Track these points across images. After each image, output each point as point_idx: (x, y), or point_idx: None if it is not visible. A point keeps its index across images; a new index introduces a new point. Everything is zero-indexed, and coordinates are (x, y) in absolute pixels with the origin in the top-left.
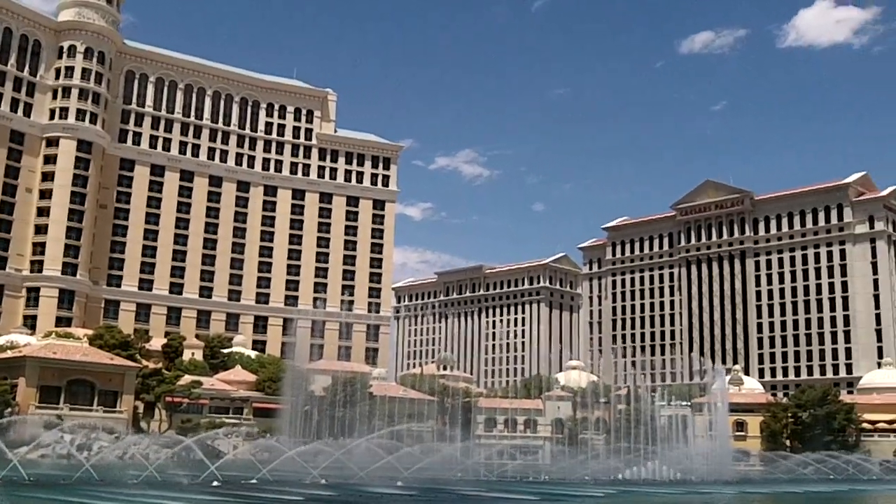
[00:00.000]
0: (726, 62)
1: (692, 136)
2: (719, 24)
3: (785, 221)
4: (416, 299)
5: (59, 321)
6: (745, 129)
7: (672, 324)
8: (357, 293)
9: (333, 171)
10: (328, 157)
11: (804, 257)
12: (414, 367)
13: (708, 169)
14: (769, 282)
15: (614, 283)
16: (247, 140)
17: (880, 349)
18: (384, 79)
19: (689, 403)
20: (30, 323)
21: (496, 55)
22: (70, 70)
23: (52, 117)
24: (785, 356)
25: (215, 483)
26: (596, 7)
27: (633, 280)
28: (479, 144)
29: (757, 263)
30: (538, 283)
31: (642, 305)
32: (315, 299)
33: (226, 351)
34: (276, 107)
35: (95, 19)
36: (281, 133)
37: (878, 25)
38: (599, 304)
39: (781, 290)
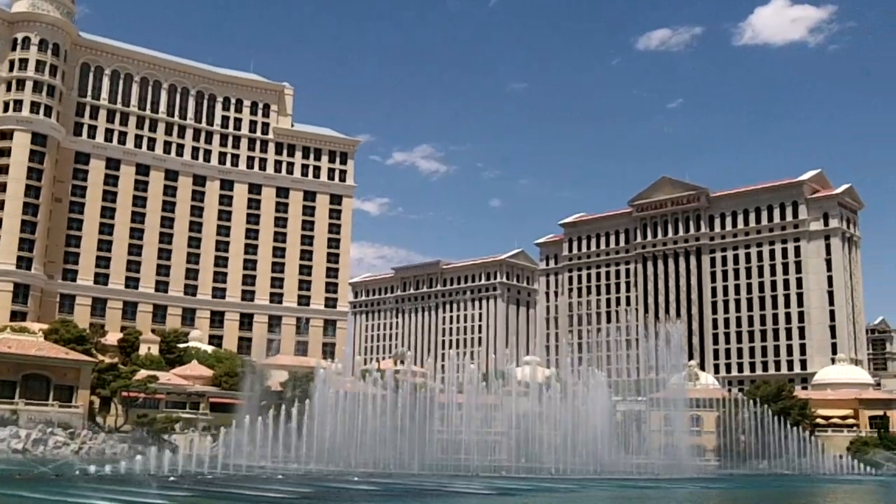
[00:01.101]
0: (683, 59)
1: (649, 134)
2: (676, 22)
3: (740, 218)
4: (373, 294)
5: (14, 315)
6: (701, 126)
7: (628, 319)
8: (314, 288)
9: (290, 165)
10: (285, 152)
11: (759, 254)
12: (371, 362)
13: (665, 166)
14: (725, 278)
15: (570, 279)
16: (203, 134)
17: (834, 345)
18: (341, 73)
19: (644, 398)
20: None
21: (453, 50)
22: (24, 62)
23: (5, 109)
24: (740, 352)
25: (171, 478)
26: (553, 2)
27: (589, 276)
28: (436, 140)
29: (713, 260)
30: (495, 278)
31: (598, 301)
32: (272, 294)
33: (182, 346)
34: (233, 101)
35: (50, 10)
36: (237, 127)
37: (833, 24)
38: (556, 299)
39: (737, 287)
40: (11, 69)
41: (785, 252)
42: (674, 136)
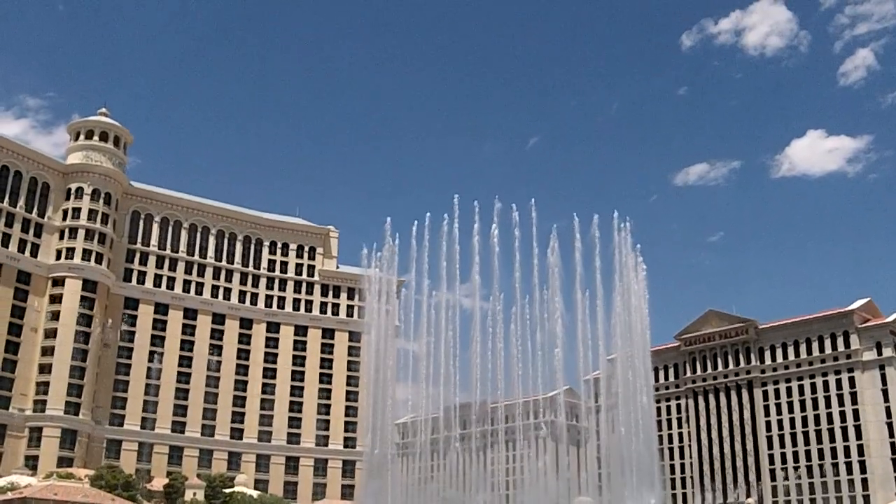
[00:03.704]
0: (722, 193)
1: (691, 267)
2: (713, 156)
3: (791, 350)
4: (420, 435)
5: (61, 461)
6: (744, 258)
7: (682, 456)
8: (360, 429)
9: (336, 306)
10: (330, 293)
11: (812, 386)
12: None
13: (710, 299)
14: (778, 412)
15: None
16: (250, 277)
17: None
18: (385, 213)
19: None
20: (31, 463)
21: (492, 193)
22: (77, 211)
23: (58, 257)
24: (799, 488)
25: None
26: (589, 144)
27: None
28: (480, 278)
29: (765, 393)
30: (543, 416)
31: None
32: (318, 437)
33: (228, 491)
34: (279, 244)
35: (102, 161)
36: (283, 270)
37: (871, 153)
38: (607, 436)
39: (791, 420)
40: (65, 218)
41: (839, 383)
42: (717, 269)
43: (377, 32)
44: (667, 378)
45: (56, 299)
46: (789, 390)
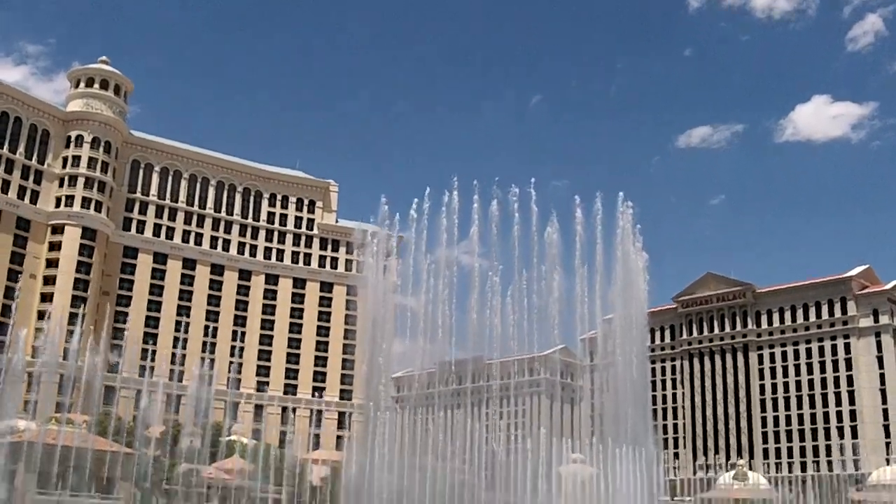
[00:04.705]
0: (724, 156)
1: (691, 230)
2: (716, 120)
3: (788, 315)
4: (416, 389)
5: (60, 406)
6: (744, 222)
7: (675, 417)
8: (356, 382)
9: (334, 260)
10: (329, 247)
11: (808, 351)
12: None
13: (708, 262)
14: (773, 375)
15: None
16: (249, 229)
17: (888, 445)
18: (384, 169)
19: (692, 499)
20: (30, 408)
21: (492, 149)
22: (77, 159)
23: (57, 205)
24: (791, 451)
25: None
26: (591, 102)
27: None
28: (479, 236)
29: (760, 357)
30: (538, 374)
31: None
32: (314, 388)
33: (224, 439)
34: (279, 197)
35: (103, 109)
36: (283, 223)
37: (876, 121)
38: (601, 395)
39: (786, 384)
40: (65, 166)
41: (834, 349)
42: (716, 232)
43: None
44: (663, 339)
45: (55, 247)
46: (784, 354)
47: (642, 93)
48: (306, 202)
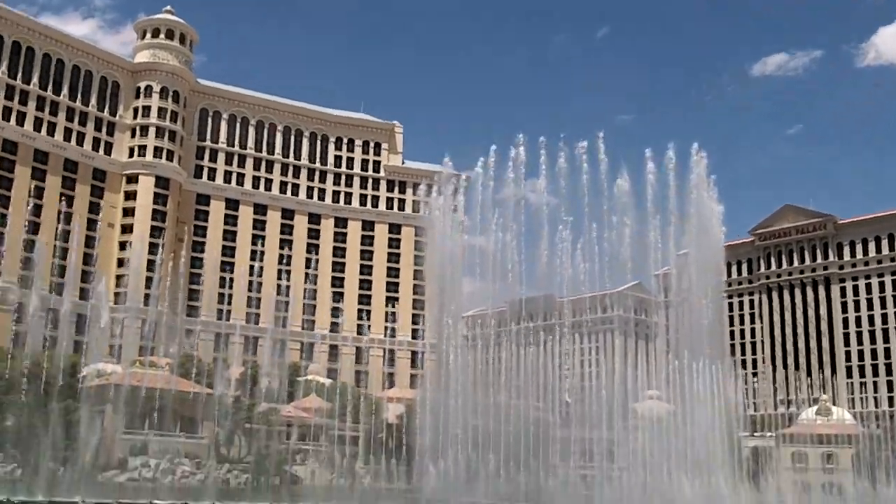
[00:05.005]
0: (801, 84)
1: (768, 161)
2: (793, 46)
3: (871, 246)
4: (487, 328)
5: (142, 350)
6: (823, 152)
7: (754, 352)
8: (427, 322)
9: (402, 202)
10: (396, 189)
11: (893, 283)
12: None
13: (786, 193)
14: (856, 308)
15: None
16: (317, 173)
17: None
18: (449, 109)
19: (773, 434)
20: (115, 352)
21: (559, 84)
22: (147, 109)
23: (130, 155)
24: (876, 386)
25: None
26: (662, 33)
27: None
28: (546, 173)
29: (842, 289)
30: (612, 311)
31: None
32: (386, 328)
33: (301, 379)
34: (345, 140)
35: (169, 59)
36: (350, 166)
37: None
38: (676, 332)
39: (870, 317)
40: (135, 116)
41: None
42: (794, 162)
43: None
44: (740, 273)
45: (131, 196)
46: (868, 287)
47: (716, 21)
48: (372, 145)
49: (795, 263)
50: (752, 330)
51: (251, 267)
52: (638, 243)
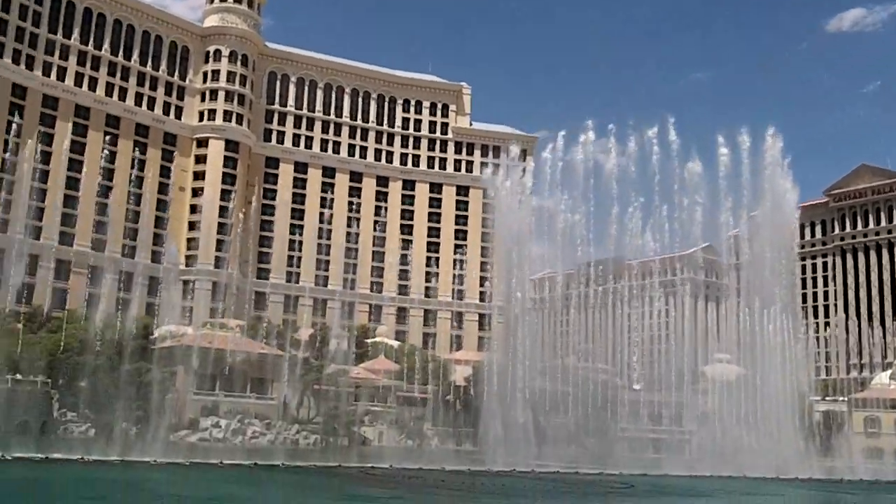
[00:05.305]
0: (878, 40)
1: (843, 120)
2: (871, 0)
3: None
4: (556, 291)
5: (213, 312)
6: None
7: (826, 315)
8: (495, 284)
9: (469, 164)
10: (464, 151)
11: None
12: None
13: (862, 153)
14: None
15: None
16: (384, 136)
17: None
18: (517, 70)
19: (846, 399)
20: (186, 314)
21: (632, 42)
22: (216, 73)
23: (200, 119)
24: None
25: None
26: None
27: None
28: (616, 133)
29: None
30: (682, 273)
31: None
32: (454, 291)
33: (369, 341)
34: (413, 102)
35: (238, 23)
36: (418, 128)
37: None
38: (748, 294)
39: None
40: (205, 81)
41: None
42: (870, 121)
43: None
44: (813, 235)
45: (201, 160)
46: None
47: None
48: (440, 106)
49: (871, 225)
50: (826, 293)
51: (319, 230)
52: (709, 205)
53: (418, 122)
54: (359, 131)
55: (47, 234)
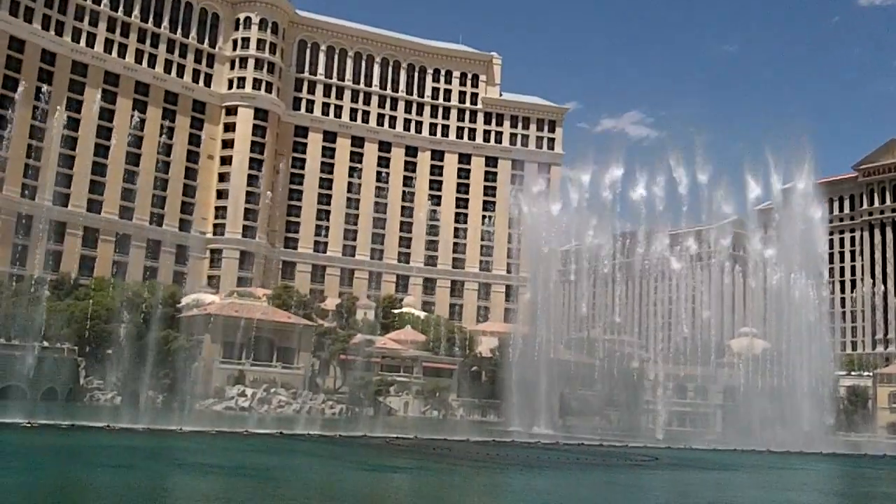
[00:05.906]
0: None
1: (873, 94)
2: None
3: None
4: (586, 262)
5: (240, 281)
6: None
7: (853, 290)
8: (522, 256)
9: (499, 134)
10: (493, 121)
11: None
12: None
13: (892, 128)
14: None
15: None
16: (414, 106)
17: None
18: (547, 41)
19: (871, 374)
20: (213, 283)
21: (661, 13)
22: (246, 41)
23: (230, 87)
24: None
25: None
26: None
27: None
28: (646, 105)
29: None
30: (710, 246)
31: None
32: (481, 262)
33: (396, 311)
34: (443, 72)
35: None
36: (447, 98)
37: None
38: (776, 266)
39: None
40: (235, 48)
41: None
42: None
43: None
44: (841, 210)
45: (230, 128)
46: None
47: None
48: (470, 76)
49: None
50: (853, 267)
51: (348, 199)
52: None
53: (448, 92)
54: (388, 101)
55: (75, 202)
